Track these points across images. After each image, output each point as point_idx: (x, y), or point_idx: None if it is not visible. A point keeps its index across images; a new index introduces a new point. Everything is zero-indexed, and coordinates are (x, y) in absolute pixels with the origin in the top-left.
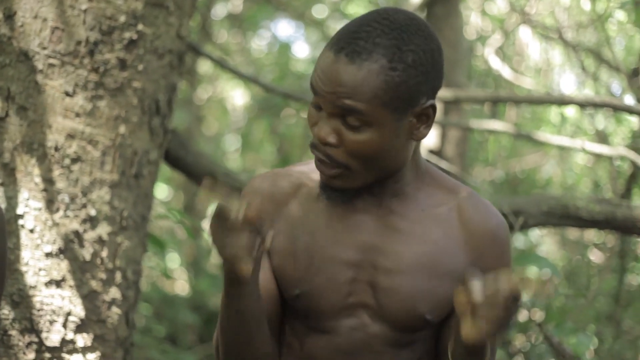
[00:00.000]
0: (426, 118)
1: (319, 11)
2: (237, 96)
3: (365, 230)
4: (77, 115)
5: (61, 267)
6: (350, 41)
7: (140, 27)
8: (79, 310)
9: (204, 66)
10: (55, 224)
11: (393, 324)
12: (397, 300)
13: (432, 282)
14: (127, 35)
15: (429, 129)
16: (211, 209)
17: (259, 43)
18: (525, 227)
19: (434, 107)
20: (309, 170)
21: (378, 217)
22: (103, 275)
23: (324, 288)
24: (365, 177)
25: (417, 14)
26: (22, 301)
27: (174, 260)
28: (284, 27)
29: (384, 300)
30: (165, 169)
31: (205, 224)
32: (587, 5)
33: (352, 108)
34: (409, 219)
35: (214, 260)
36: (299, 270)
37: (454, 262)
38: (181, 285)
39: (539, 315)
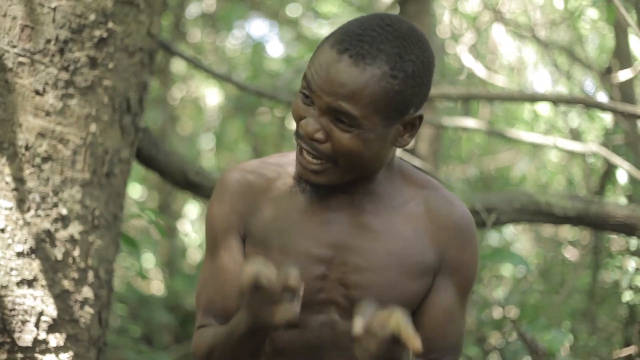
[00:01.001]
0: (411, 127)
1: (293, 10)
2: (211, 95)
3: (337, 229)
4: (48, 114)
5: (33, 267)
6: (356, 43)
7: (110, 25)
8: (51, 310)
9: (178, 65)
10: (27, 224)
11: None
12: (367, 297)
13: (402, 278)
14: (97, 33)
15: (412, 139)
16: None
17: (232, 42)
18: (497, 224)
19: (421, 118)
20: (284, 163)
21: (350, 216)
22: (75, 275)
23: None
24: (343, 175)
25: (415, 25)
26: None
27: (149, 260)
28: (258, 26)
29: (355, 298)
30: (139, 169)
31: (180, 225)
32: (559, 4)
33: (347, 111)
34: (380, 216)
35: (189, 260)
36: (271, 260)
37: (423, 256)
38: (156, 285)
39: (514, 312)
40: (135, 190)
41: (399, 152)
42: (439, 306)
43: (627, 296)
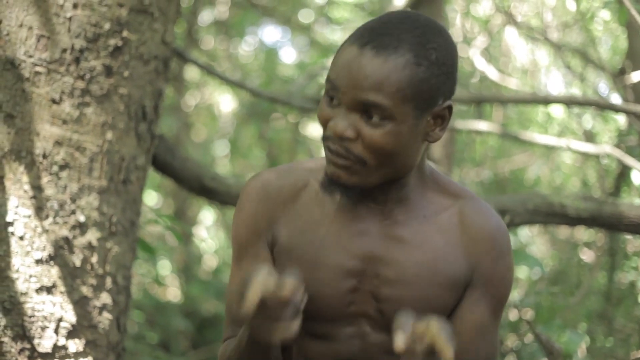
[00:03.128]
0: (442, 120)
1: (305, 16)
2: (225, 102)
3: (368, 240)
4: (65, 122)
5: (51, 274)
6: (375, 36)
7: (125, 33)
8: (70, 316)
9: (191, 73)
10: (45, 231)
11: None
12: (397, 305)
13: (433, 289)
14: (112, 42)
15: (444, 132)
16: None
17: (245, 49)
18: (511, 226)
19: (450, 109)
20: (314, 169)
21: (381, 227)
22: (93, 281)
23: (326, 295)
24: (375, 176)
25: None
26: (13, 308)
27: (165, 267)
28: (271, 33)
29: (386, 310)
30: (155, 176)
31: (196, 232)
32: (572, 6)
33: (375, 102)
34: (411, 227)
35: (206, 268)
36: (301, 272)
37: (454, 268)
38: (173, 292)
39: (530, 314)
40: (150, 198)
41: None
42: (470, 320)
43: None
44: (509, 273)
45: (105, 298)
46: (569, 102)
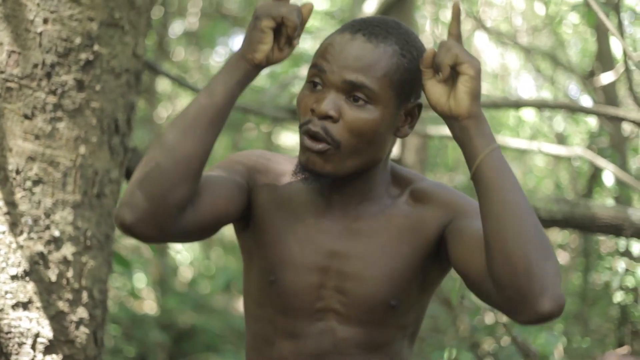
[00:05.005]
0: (411, 118)
1: None
2: None
3: (332, 236)
4: (37, 137)
5: (27, 289)
6: (366, 26)
7: (96, 47)
8: (47, 332)
9: (163, 85)
10: (20, 247)
11: (360, 322)
12: (363, 300)
13: (395, 272)
14: (84, 56)
15: (412, 130)
16: None
17: (216, 59)
18: None
19: (419, 107)
20: (290, 162)
21: (346, 221)
22: (69, 296)
23: (295, 291)
24: (347, 164)
25: None
26: None
27: (140, 279)
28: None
29: (351, 303)
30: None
31: (171, 244)
32: (541, 10)
33: (363, 83)
34: (373, 220)
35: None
36: (275, 254)
37: (416, 247)
38: (149, 305)
39: (506, 317)
40: None
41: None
42: (471, 237)
43: (619, 297)
44: (475, 202)
45: (81, 312)
46: (540, 105)
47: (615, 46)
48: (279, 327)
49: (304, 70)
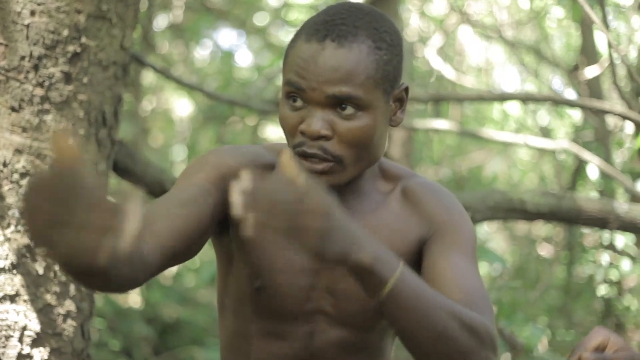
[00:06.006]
0: (400, 103)
1: (260, 19)
2: (182, 106)
3: None
4: (24, 130)
5: (14, 282)
6: (331, 28)
7: (83, 40)
8: (34, 325)
9: (148, 78)
10: (7, 239)
11: (349, 323)
12: (354, 300)
13: None
14: (71, 48)
15: (404, 114)
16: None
17: (201, 52)
18: (472, 223)
19: (407, 90)
20: (274, 151)
21: None
22: (57, 288)
23: (284, 293)
24: (353, 171)
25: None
26: None
27: None
28: (226, 36)
29: (342, 306)
30: (113, 181)
31: None
32: (525, 4)
33: (348, 94)
34: (364, 217)
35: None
36: (262, 259)
37: (404, 251)
38: (134, 298)
39: None
40: None
41: None
42: (442, 264)
43: (602, 290)
44: (463, 216)
45: (69, 305)
46: (524, 98)
47: (600, 40)
48: (261, 328)
49: None
